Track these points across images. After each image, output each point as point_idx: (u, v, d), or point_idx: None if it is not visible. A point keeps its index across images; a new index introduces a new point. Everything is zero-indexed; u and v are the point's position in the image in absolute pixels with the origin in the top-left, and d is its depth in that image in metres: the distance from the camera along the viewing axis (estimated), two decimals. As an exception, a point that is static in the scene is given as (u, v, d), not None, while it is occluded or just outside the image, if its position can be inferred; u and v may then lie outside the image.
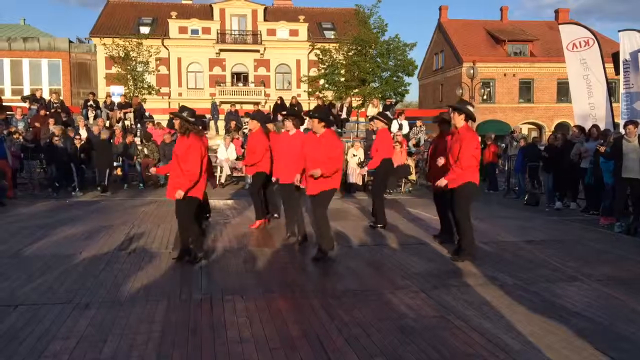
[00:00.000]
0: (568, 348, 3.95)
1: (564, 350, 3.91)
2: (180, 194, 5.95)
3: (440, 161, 6.87)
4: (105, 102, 20.35)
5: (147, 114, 20.59)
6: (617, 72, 13.31)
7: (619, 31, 13.21)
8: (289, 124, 7.50)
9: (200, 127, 6.44)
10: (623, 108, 12.98)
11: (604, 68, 13.62)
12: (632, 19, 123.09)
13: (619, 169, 8.95)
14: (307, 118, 8.09)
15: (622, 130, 9.78)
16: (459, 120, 6.52)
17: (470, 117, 6.54)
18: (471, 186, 6.49)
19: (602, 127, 12.54)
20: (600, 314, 4.73)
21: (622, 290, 5.45)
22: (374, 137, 15.90)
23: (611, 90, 14.19)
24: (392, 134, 15.48)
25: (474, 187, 6.54)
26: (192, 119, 6.10)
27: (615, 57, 13.53)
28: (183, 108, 6.19)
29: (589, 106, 13.73)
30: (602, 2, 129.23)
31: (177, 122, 6.20)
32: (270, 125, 9.43)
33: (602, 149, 9.51)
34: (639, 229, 8.71)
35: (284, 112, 9.13)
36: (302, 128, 8.10)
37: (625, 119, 11.62)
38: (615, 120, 13.55)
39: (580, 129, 12.11)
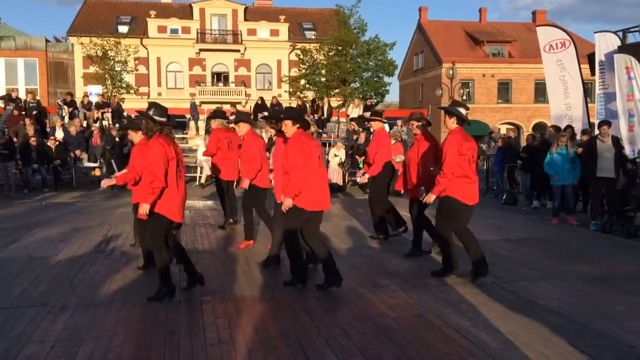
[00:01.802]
0: (545, 345, 3.99)
1: (541, 347, 3.95)
2: (145, 208, 4.73)
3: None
4: (82, 101, 20.09)
5: (125, 114, 20.36)
6: (593, 73, 13.51)
7: (595, 33, 13.41)
8: (270, 128, 6.77)
9: (171, 128, 5.29)
10: (599, 108, 13.18)
11: (580, 69, 13.81)
12: (607, 20, 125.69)
13: (593, 169, 9.07)
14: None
15: (596, 131, 9.92)
16: (450, 124, 5.77)
17: (462, 119, 5.75)
18: (450, 201, 5.64)
19: (579, 127, 12.73)
20: (577, 311, 4.79)
21: (599, 288, 5.53)
22: (354, 137, 16.04)
23: (587, 91, 14.38)
24: (396, 133, 15.53)
25: (454, 202, 5.63)
26: (162, 119, 4.93)
27: (591, 58, 13.73)
28: (151, 105, 5.05)
29: (565, 106, 13.90)
30: (577, 4, 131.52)
31: (144, 123, 5.07)
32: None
33: (579, 150, 9.64)
34: (614, 227, 8.84)
35: (266, 115, 7.95)
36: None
37: (601, 119, 11.81)
38: (591, 120, 13.75)
39: (557, 129, 12.26)
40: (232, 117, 15.65)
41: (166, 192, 4.79)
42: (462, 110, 5.80)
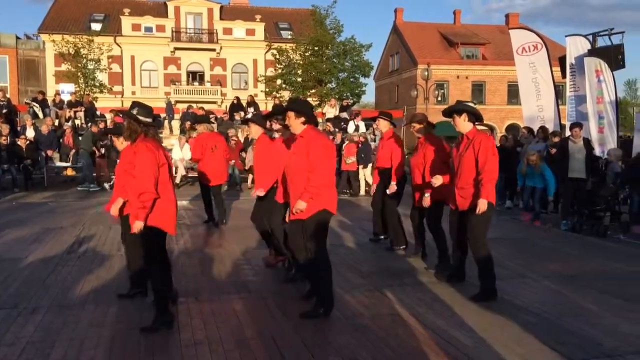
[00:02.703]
0: (517, 343, 4.07)
1: (513, 344, 4.03)
2: (139, 226, 4.14)
3: (437, 181, 5.60)
4: (54, 100, 19.73)
5: (98, 112, 20.07)
6: (564, 76, 13.80)
7: (566, 36, 13.72)
8: (278, 127, 5.96)
9: (156, 130, 4.66)
10: (569, 110, 13.47)
11: (552, 71, 14.09)
12: (577, 23, 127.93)
13: (565, 170, 9.26)
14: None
15: (567, 132, 10.13)
16: (462, 123, 5.16)
17: (474, 115, 5.17)
18: (490, 207, 5.01)
19: (550, 128, 12.97)
20: (548, 309, 4.89)
21: (569, 287, 5.65)
22: (330, 137, 16.09)
23: (558, 93, 14.68)
24: (348, 135, 15.64)
25: (492, 207, 5.04)
26: (147, 119, 4.35)
27: (562, 60, 14.02)
28: (134, 104, 4.47)
29: (537, 108, 14.17)
30: (548, 7, 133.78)
31: (126, 123, 4.44)
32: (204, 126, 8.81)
33: (553, 150, 9.83)
34: (584, 227, 9.04)
35: (272, 113, 6.32)
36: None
37: (572, 121, 12.06)
38: (562, 122, 14.04)
39: (529, 130, 12.50)
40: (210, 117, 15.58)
41: (159, 202, 4.22)
42: (471, 104, 5.33)
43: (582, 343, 4.10)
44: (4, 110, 16.83)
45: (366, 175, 13.98)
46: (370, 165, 14.10)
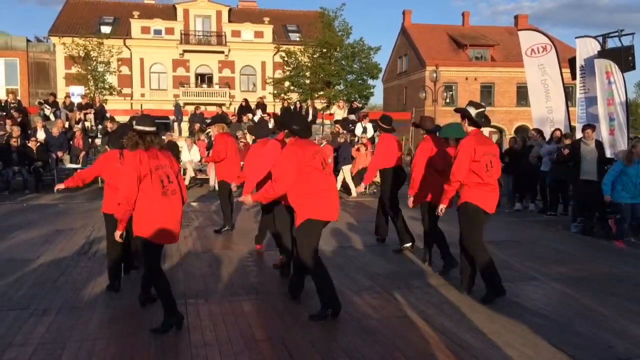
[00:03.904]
0: (526, 345, 4.06)
1: (522, 347, 4.02)
2: (117, 235, 4.36)
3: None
4: (64, 102, 19.89)
5: (108, 115, 20.20)
6: (574, 77, 13.70)
7: (576, 38, 13.61)
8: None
9: (159, 137, 4.45)
10: (579, 112, 13.37)
11: (561, 73, 14.01)
12: (584, 25, 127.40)
13: (577, 171, 9.22)
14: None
15: (579, 134, 10.07)
16: (465, 127, 5.31)
17: (473, 122, 5.20)
18: (469, 207, 5.13)
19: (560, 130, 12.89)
20: (557, 311, 4.88)
21: (578, 289, 5.62)
22: (339, 140, 16.11)
23: (568, 95, 14.57)
24: (357, 137, 15.67)
25: (473, 208, 5.13)
26: (148, 128, 4.24)
27: (571, 62, 13.93)
28: (132, 117, 4.57)
29: (546, 110, 14.09)
30: (556, 9, 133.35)
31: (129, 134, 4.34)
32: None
33: (566, 151, 9.77)
34: (594, 229, 8.98)
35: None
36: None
37: (582, 123, 11.98)
38: (572, 124, 13.94)
39: (539, 132, 12.43)
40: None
41: (144, 213, 4.15)
42: (472, 110, 5.18)
43: (592, 345, 4.09)
44: (14, 112, 17.01)
45: (345, 176, 13.98)
46: (349, 166, 14.10)
